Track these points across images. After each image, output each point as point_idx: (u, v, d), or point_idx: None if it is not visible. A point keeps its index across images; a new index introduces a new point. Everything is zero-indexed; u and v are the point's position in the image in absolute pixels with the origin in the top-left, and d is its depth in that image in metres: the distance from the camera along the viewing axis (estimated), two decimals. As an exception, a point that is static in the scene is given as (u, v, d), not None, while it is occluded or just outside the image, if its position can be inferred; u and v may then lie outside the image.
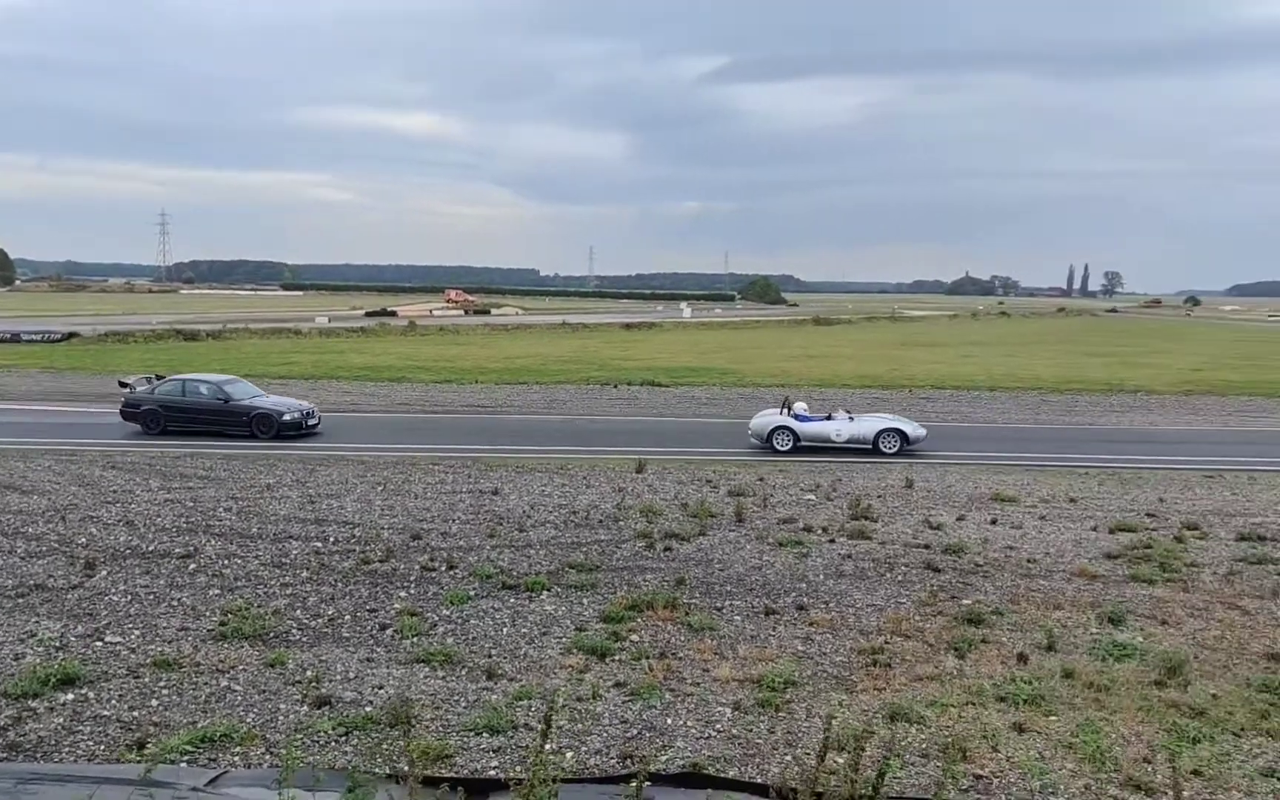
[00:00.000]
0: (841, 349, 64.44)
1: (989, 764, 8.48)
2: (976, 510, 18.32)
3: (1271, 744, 8.93)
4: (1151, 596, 13.22)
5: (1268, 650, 11.22)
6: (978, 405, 36.29)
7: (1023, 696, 9.80)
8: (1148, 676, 10.40)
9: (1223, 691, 10.05)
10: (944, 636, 11.55)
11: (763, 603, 12.73)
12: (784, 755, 8.59)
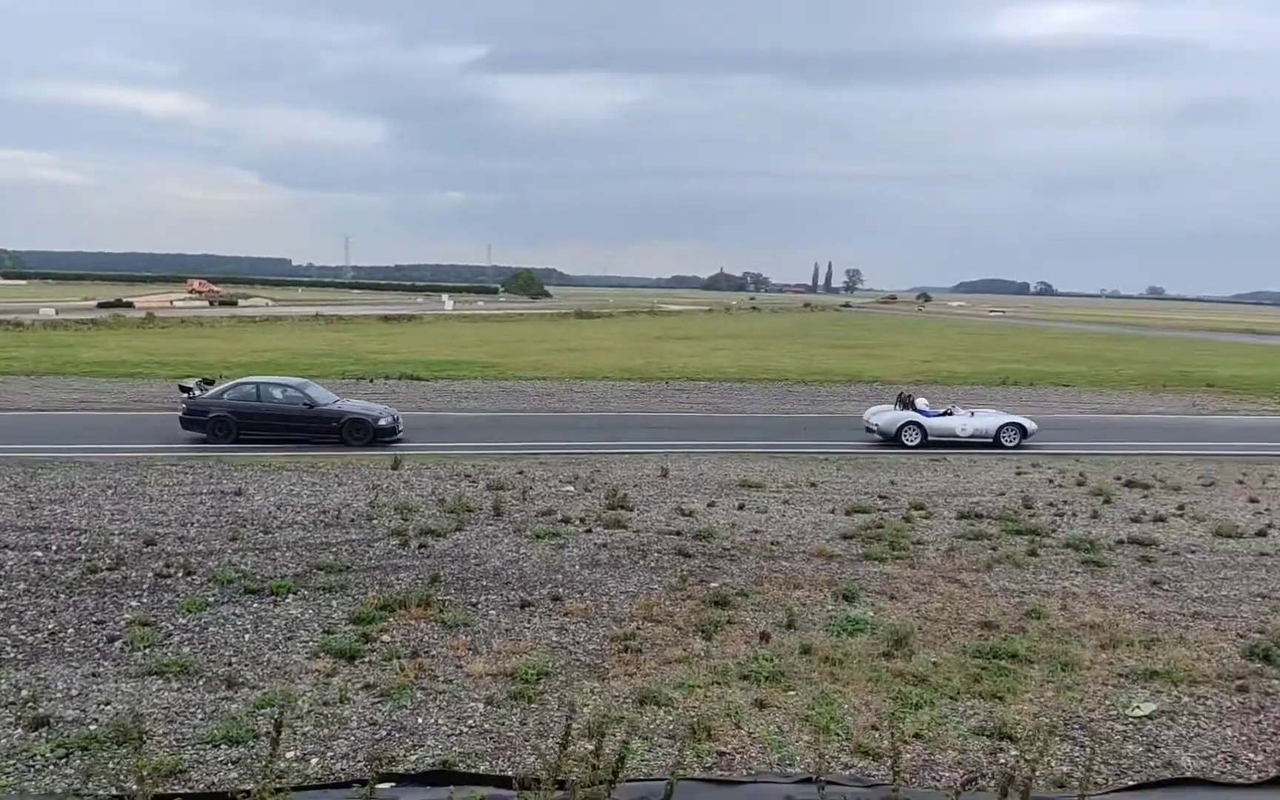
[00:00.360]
0: (602, 342, 65.35)
1: (731, 740, 8.83)
2: (726, 496, 19.01)
3: (983, 705, 9.74)
4: (882, 573, 14.13)
5: (981, 619, 12.22)
6: (729, 396, 37.66)
7: (764, 674, 10.26)
8: (877, 649, 11.11)
9: (942, 659, 10.87)
10: (693, 620, 11.92)
11: (519, 596, 12.75)
12: (536, 746, 8.63)
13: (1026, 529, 16.82)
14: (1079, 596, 13.28)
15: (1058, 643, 11.42)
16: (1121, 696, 10.04)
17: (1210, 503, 19.71)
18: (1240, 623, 12.41)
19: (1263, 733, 9.37)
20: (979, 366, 53.37)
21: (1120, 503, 19.39)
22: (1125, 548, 15.93)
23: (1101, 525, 17.45)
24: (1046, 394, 41.79)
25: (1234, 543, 16.49)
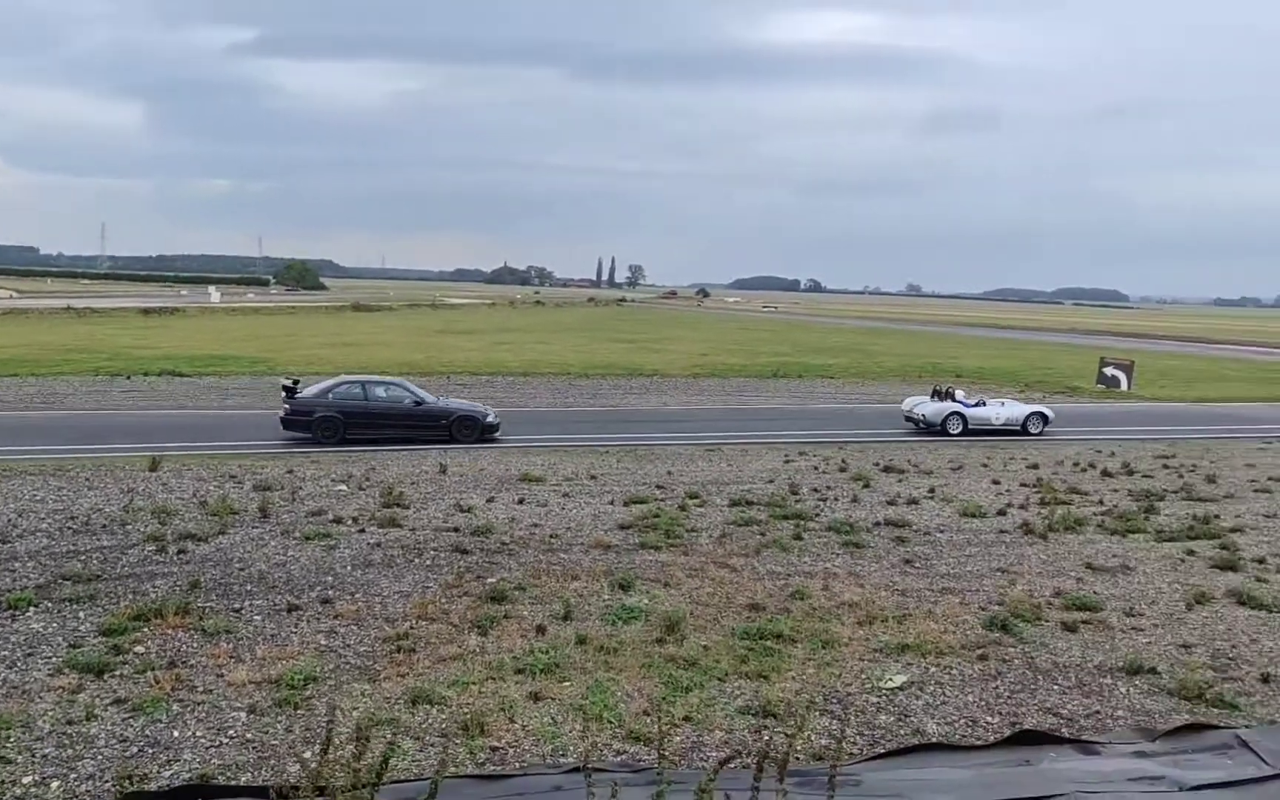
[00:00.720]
0: (381, 336, 63.82)
1: (505, 735, 8.81)
2: (506, 491, 18.94)
3: (749, 684, 10.10)
4: (657, 561, 14.43)
5: (750, 602, 12.67)
6: (511, 390, 37.55)
7: (540, 666, 10.28)
8: (651, 635, 11.34)
9: (712, 642, 11.21)
10: (469, 616, 11.81)
11: (285, 599, 12.27)
12: (302, 754, 8.34)
13: (793, 514, 17.56)
14: (839, 577, 13.98)
15: (819, 621, 11.99)
16: (876, 670, 10.64)
17: (958, 485, 21.15)
18: (982, 596, 13.38)
19: (999, 697, 10.14)
20: (751, 360, 55.33)
21: (878, 487, 20.54)
22: (882, 529, 16.89)
23: (861, 509, 18.43)
24: (814, 385, 43.79)
25: (978, 522, 17.76)
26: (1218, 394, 46.37)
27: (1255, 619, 12.88)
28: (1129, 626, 12.41)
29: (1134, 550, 16.18)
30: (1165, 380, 51.68)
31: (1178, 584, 14.29)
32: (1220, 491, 21.44)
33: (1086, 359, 59.06)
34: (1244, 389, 49.45)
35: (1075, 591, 13.58)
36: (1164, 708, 9.95)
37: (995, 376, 50.60)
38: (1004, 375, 51.49)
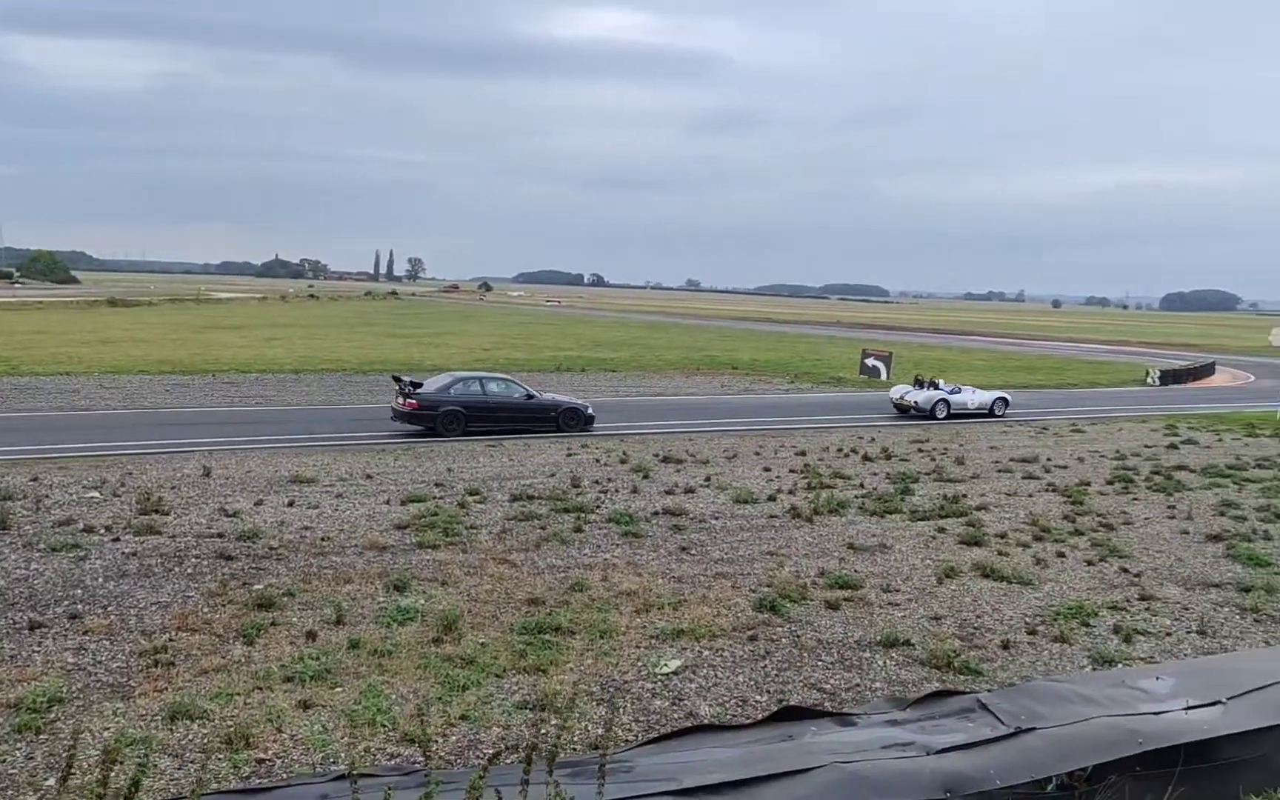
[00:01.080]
0: (140, 332, 60.07)
1: (273, 746, 8.46)
2: (275, 493, 18.19)
3: (527, 679, 10.10)
4: (435, 560, 14.21)
5: (529, 596, 12.66)
6: (284, 388, 36.12)
7: (310, 673, 9.93)
8: (427, 635, 11.15)
9: (490, 639, 11.14)
10: (233, 625, 11.28)
11: (27, 617, 11.35)
12: (42, 783, 7.73)
13: (574, 507, 17.68)
14: (618, 567, 14.18)
15: (598, 612, 12.12)
16: (652, 656, 10.85)
17: (732, 473, 21.85)
18: (753, 579, 13.88)
19: (768, 675, 10.54)
20: (534, 354, 55.38)
21: (657, 477, 20.95)
22: (660, 518, 17.25)
23: (640, 499, 18.76)
24: (596, 379, 44.23)
25: (750, 508, 18.40)
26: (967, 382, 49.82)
27: (997, 590, 13.92)
28: (886, 602, 13.15)
29: (891, 530, 17.17)
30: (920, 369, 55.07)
31: (930, 560, 15.26)
32: (967, 472, 23.04)
33: (850, 351, 62.24)
34: (989, 377, 53.31)
35: (838, 571, 14.29)
36: (917, 677, 10.60)
37: (768, 368, 52.61)
38: (777, 367, 53.60)
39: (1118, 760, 7.10)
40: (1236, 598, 13.94)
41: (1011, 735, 7.23)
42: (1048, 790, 6.84)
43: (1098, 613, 13.01)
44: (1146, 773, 7.17)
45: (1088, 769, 6.96)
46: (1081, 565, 15.41)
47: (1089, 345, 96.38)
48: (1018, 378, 52.95)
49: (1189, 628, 12.61)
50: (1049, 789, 6.84)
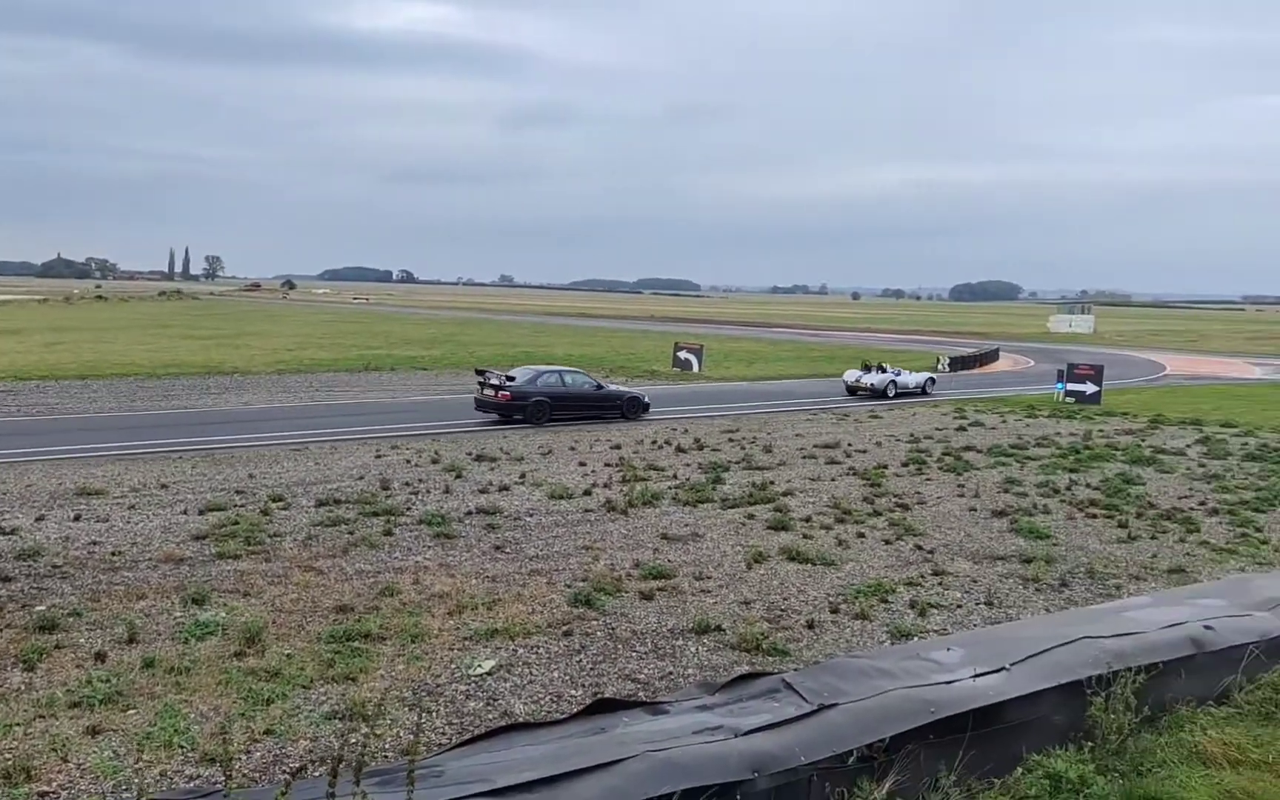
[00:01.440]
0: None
1: (57, 777, 7.92)
2: (60, 507, 17.05)
3: (336, 688, 9.81)
4: (236, 571, 13.62)
5: (337, 604, 12.30)
6: (67, 395, 33.88)
7: (99, 697, 9.35)
8: (229, 649, 10.68)
9: (296, 650, 10.76)
10: (11, 650, 10.49)
11: None
12: None
13: (383, 510, 17.29)
14: (430, 569, 13.95)
15: (409, 616, 11.89)
16: (466, 658, 10.73)
17: (548, 469, 21.84)
18: (568, 574, 13.91)
19: (583, 669, 10.59)
20: (342, 353, 53.90)
21: (471, 476, 20.73)
22: (473, 518, 17.07)
23: (453, 499, 18.51)
24: (406, 378, 43.43)
25: (565, 503, 18.44)
26: (774, 372, 51.50)
27: (803, 572, 14.42)
28: (698, 589, 13.43)
29: (703, 518, 17.55)
30: (730, 361, 56.58)
31: (739, 546, 15.68)
32: (775, 460, 23.78)
33: (663, 344, 63.26)
34: (795, 367, 55.29)
35: (652, 561, 14.50)
36: (728, 661, 10.86)
37: (583, 363, 52.77)
38: (592, 361, 53.87)
39: (913, 730, 7.47)
40: (1019, 569, 14.90)
41: (814, 712, 7.51)
42: (849, 763, 7.13)
43: (895, 589, 13.66)
44: (939, 740, 7.58)
45: (885, 740, 7.30)
46: (880, 544, 16.14)
47: (886, 335, 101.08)
48: (821, 367, 55.00)
49: (977, 599, 13.40)
50: (850, 761, 7.14)
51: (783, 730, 7.24)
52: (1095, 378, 38.28)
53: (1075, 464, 24.26)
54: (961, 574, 14.59)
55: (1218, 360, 72.20)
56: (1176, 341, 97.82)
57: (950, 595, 13.55)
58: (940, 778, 7.44)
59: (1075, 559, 15.55)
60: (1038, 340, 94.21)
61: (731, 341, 76.52)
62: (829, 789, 6.94)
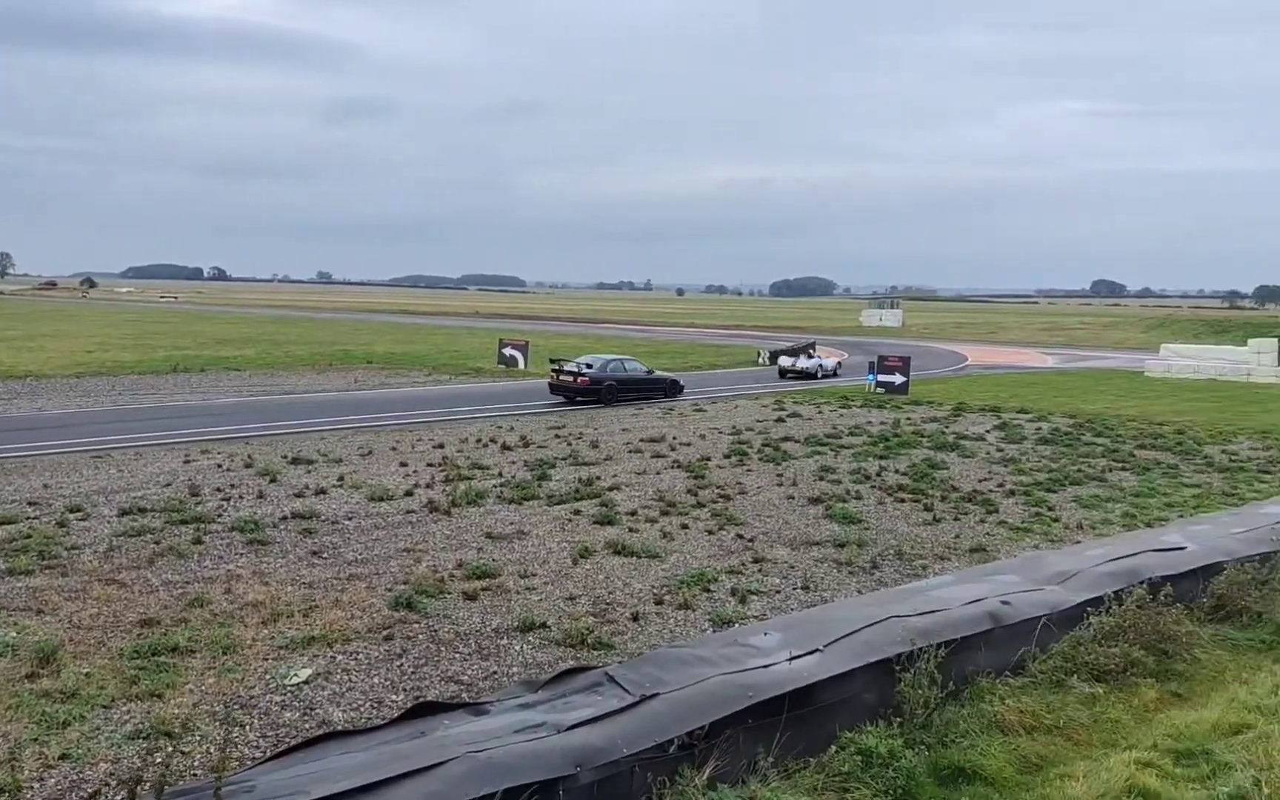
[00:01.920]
0: None
1: None
2: None
3: (140, 706, 9.31)
4: (29, 588, 12.73)
5: (142, 617, 11.67)
6: None
7: None
8: (20, 671, 9.98)
9: (96, 668, 10.16)
10: None
11: None
12: None
13: (193, 517, 16.50)
14: (243, 577, 13.40)
15: (220, 627, 11.39)
16: (281, 667, 10.37)
17: (368, 471, 21.32)
18: (389, 578, 13.62)
19: (405, 673, 10.40)
20: (147, 355, 51.22)
21: (286, 480, 20.03)
22: (289, 523, 16.49)
23: (267, 504, 17.84)
24: (219, 378, 41.65)
25: (386, 505, 18.04)
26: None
27: (628, 565, 14.55)
28: (524, 587, 13.38)
29: (529, 516, 17.49)
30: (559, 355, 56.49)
31: (566, 542, 15.69)
32: (602, 455, 23.92)
33: (488, 341, 62.74)
34: (621, 362, 55.64)
35: (476, 561, 14.34)
36: (553, 658, 10.86)
37: (406, 361, 51.89)
38: (415, 359, 52.98)
39: (732, 715, 7.65)
40: (834, 554, 15.45)
41: (636, 704, 7.59)
42: (671, 751, 7.24)
43: (717, 578, 13.95)
44: (758, 723, 7.78)
45: (705, 726, 7.44)
46: (703, 535, 16.46)
47: (710, 330, 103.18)
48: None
49: (795, 584, 13.83)
50: (672, 750, 7.25)
51: (605, 723, 7.29)
52: (903, 369, 40.06)
53: (885, 451, 25.34)
54: (780, 560, 15.02)
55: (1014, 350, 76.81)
56: (977, 334, 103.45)
57: (770, 581, 13.93)
58: (759, 760, 7.65)
59: (885, 542, 16.25)
60: (851, 334, 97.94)
61: (558, 338, 76.52)
62: (651, 778, 7.04)
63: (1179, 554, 12.96)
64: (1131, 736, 9.07)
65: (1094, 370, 57.38)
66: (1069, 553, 13.85)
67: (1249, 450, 27.07)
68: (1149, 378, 51.05)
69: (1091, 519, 18.30)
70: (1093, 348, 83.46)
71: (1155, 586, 11.34)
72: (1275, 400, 40.53)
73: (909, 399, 37.95)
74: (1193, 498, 20.37)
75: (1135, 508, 19.31)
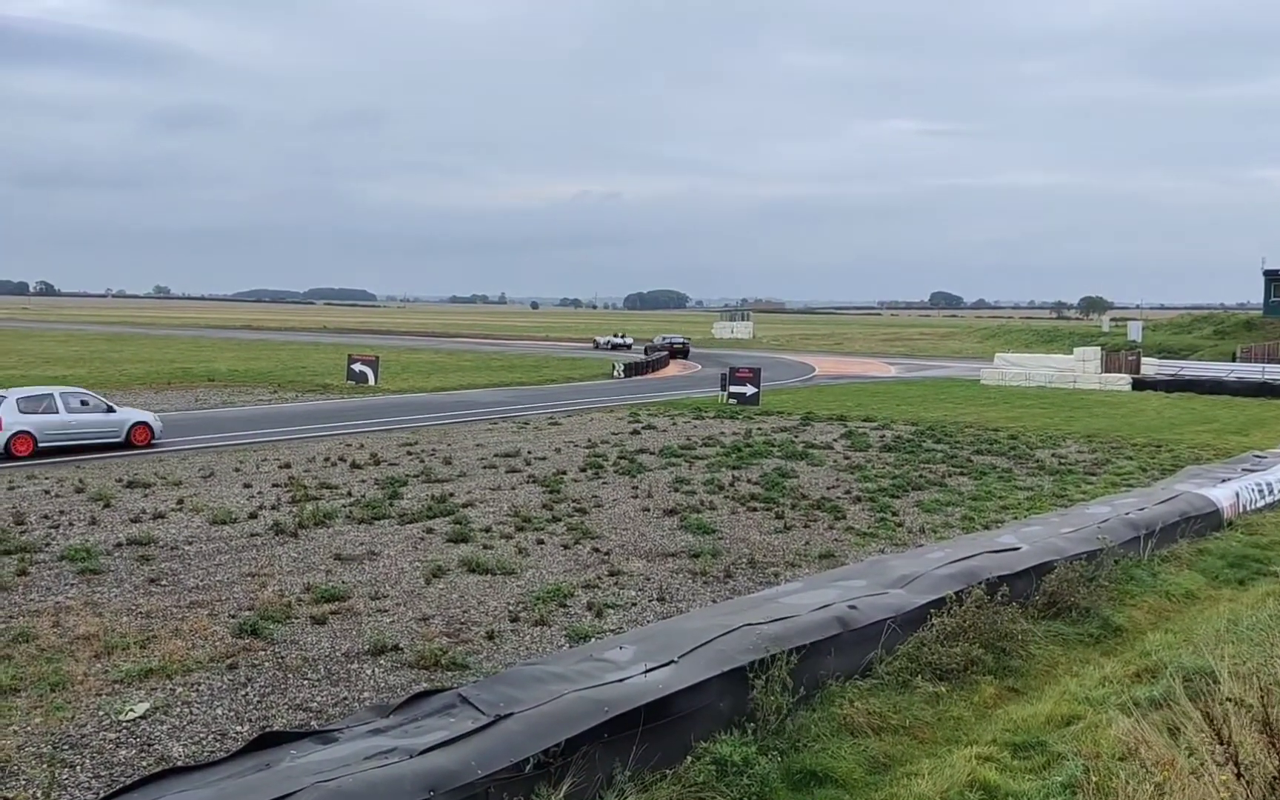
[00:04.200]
0: None
1: None
2: None
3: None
4: None
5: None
6: None
7: None
8: None
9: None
10: None
11: None
12: None
13: (17, 547, 15.54)
14: (74, 609, 12.69)
15: (48, 663, 10.76)
16: (116, 702, 9.86)
17: (210, 493, 20.50)
18: (233, 604, 13.11)
19: (250, 703, 10.02)
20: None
21: (121, 505, 19.09)
22: (124, 550, 15.72)
23: (101, 531, 16.96)
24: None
25: (229, 528, 17.38)
26: (454, 383, 51.09)
27: (483, 583, 14.39)
28: (375, 609, 13.07)
29: (380, 536, 17.10)
30: (408, 373, 55.61)
31: (418, 562, 15.41)
32: (455, 471, 23.60)
33: (336, 356, 61.23)
34: (475, 377, 55.17)
35: (325, 584, 13.94)
36: (406, 681, 10.64)
37: (250, 378, 50.19)
38: (259, 377, 51.30)
39: (587, 731, 7.63)
40: (689, 564, 15.62)
41: (491, 724, 7.50)
42: (526, 771, 7.18)
43: (574, 593, 13.92)
44: (614, 738, 7.79)
45: (561, 743, 7.40)
46: (559, 550, 16.40)
47: (564, 343, 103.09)
48: (501, 376, 55.24)
49: (651, 596, 13.91)
50: (527, 769, 7.19)
51: (458, 745, 7.17)
52: (754, 380, 40.86)
53: (738, 461, 25.78)
54: (636, 573, 15.09)
55: (859, 361, 79.23)
56: (824, 344, 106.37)
57: (626, 594, 13.98)
58: (615, 774, 7.65)
59: (738, 550, 16.51)
60: (703, 346, 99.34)
61: (410, 353, 75.25)
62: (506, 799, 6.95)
63: (1013, 554, 13.58)
64: (972, 732, 9.45)
65: (934, 379, 59.70)
66: (912, 556, 14.34)
67: (1076, 453, 28.60)
68: (984, 385, 53.41)
69: (933, 523, 19.02)
70: (932, 357, 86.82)
71: (993, 586, 11.85)
72: (1100, 405, 43.02)
73: (760, 410, 38.72)
74: (1026, 500, 21.38)
75: (973, 511, 20.15)
